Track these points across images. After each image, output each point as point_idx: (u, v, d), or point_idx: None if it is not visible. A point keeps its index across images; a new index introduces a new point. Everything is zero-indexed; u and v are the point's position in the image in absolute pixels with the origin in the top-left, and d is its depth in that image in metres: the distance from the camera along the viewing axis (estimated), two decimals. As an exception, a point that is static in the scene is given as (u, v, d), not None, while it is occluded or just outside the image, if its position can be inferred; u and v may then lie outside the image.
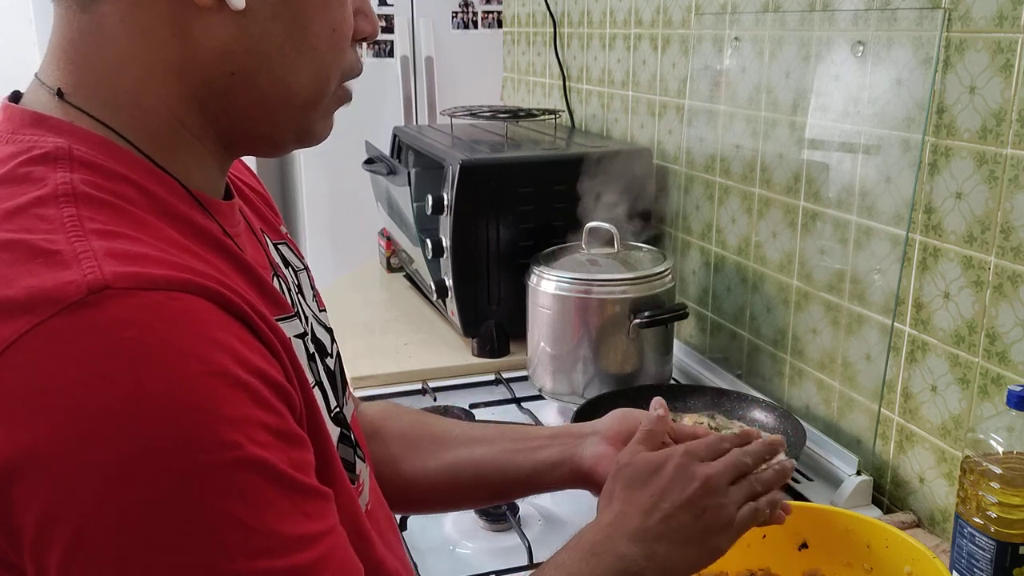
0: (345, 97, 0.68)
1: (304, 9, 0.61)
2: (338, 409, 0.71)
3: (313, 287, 0.80)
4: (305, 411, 0.58)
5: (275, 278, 0.69)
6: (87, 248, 0.50)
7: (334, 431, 0.67)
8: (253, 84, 0.61)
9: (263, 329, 0.55)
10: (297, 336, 0.65)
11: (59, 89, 0.58)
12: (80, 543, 0.46)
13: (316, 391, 0.65)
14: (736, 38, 1.47)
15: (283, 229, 0.81)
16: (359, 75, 0.68)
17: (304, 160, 3.10)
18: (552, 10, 2.16)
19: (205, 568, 0.48)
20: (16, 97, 0.62)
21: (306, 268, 0.80)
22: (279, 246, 0.76)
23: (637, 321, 1.40)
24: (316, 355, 0.70)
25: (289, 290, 0.71)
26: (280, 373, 0.55)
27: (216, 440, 0.48)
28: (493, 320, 1.65)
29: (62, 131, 0.57)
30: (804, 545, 0.96)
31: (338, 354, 0.78)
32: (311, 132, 0.67)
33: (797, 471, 1.26)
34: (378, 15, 3.07)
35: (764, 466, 0.79)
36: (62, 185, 0.53)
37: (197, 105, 0.61)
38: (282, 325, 0.61)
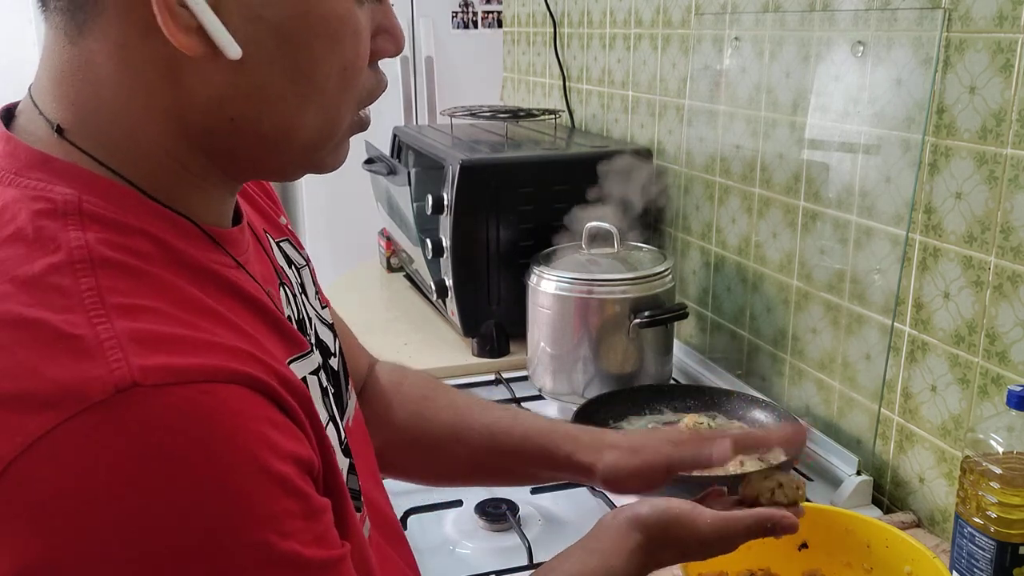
0: (361, 125, 0.63)
1: (310, 53, 0.55)
2: (345, 438, 0.70)
3: (315, 283, 0.80)
4: (323, 464, 0.56)
5: (281, 287, 0.69)
6: (111, 334, 0.47)
7: (343, 462, 0.66)
8: (254, 129, 0.57)
9: (291, 404, 0.53)
10: (312, 372, 0.64)
11: (58, 125, 0.55)
12: None
13: (330, 428, 0.64)
14: (736, 38, 1.47)
15: (283, 220, 0.80)
16: (382, 93, 0.64)
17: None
18: (552, 10, 2.16)
19: None
20: (8, 115, 0.59)
21: (308, 263, 0.80)
22: (281, 244, 0.76)
23: (637, 321, 1.40)
24: (328, 389, 0.69)
25: (294, 296, 0.71)
26: (306, 445, 0.53)
27: (248, 542, 0.47)
28: (493, 320, 1.65)
29: (68, 177, 0.54)
30: (804, 545, 0.96)
31: (340, 351, 0.78)
32: (321, 164, 0.63)
33: (797, 471, 1.26)
34: (378, 15, 3.05)
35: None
36: (77, 250, 0.50)
37: (197, 148, 0.57)
38: (299, 364, 0.60)
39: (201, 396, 0.47)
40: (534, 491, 1.19)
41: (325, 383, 0.68)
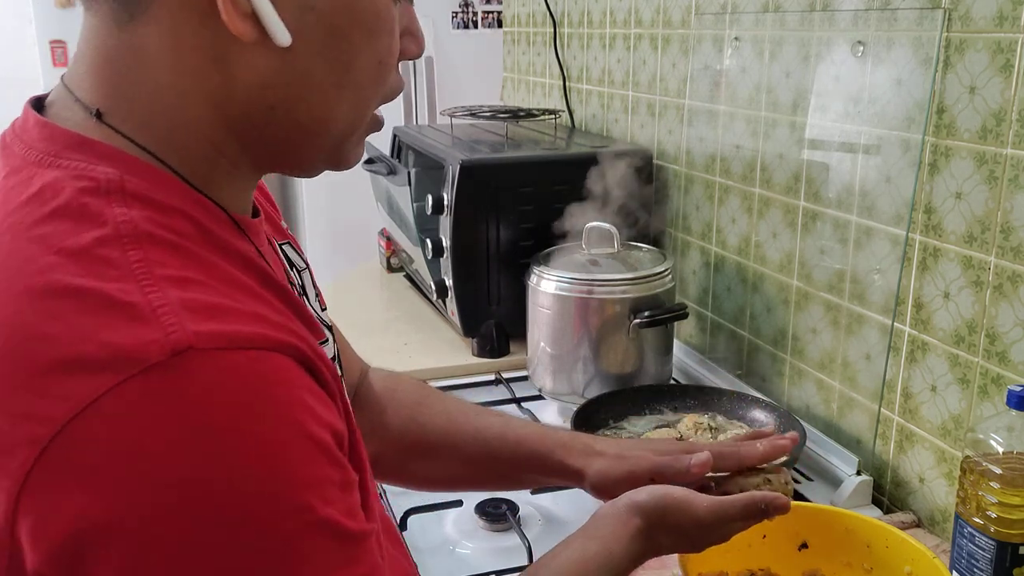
0: (377, 124, 0.66)
1: (351, 45, 0.58)
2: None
3: (315, 286, 0.81)
4: (350, 440, 0.58)
5: (290, 285, 0.69)
6: (163, 301, 0.48)
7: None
8: (291, 117, 0.59)
9: (327, 377, 0.54)
10: (333, 359, 0.65)
11: (97, 110, 0.56)
12: None
13: None
14: (736, 38, 1.47)
15: (284, 224, 0.81)
16: (399, 93, 0.66)
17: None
18: (552, 10, 2.16)
19: None
20: (38, 103, 0.60)
21: (307, 266, 0.80)
22: (283, 247, 0.76)
23: (637, 321, 1.40)
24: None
25: (299, 296, 0.72)
26: (340, 419, 0.55)
27: (294, 505, 0.48)
28: (493, 320, 1.65)
29: (109, 158, 0.55)
30: (804, 545, 0.96)
31: (338, 354, 0.79)
32: (344, 159, 0.65)
33: (797, 471, 1.26)
34: (378, 15, 3.06)
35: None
36: (123, 224, 0.51)
37: (234, 134, 0.59)
38: (323, 348, 0.61)
39: (252, 362, 0.48)
40: (534, 491, 1.19)
41: (340, 372, 0.69)
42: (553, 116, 2.02)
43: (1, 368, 0.48)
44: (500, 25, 2.78)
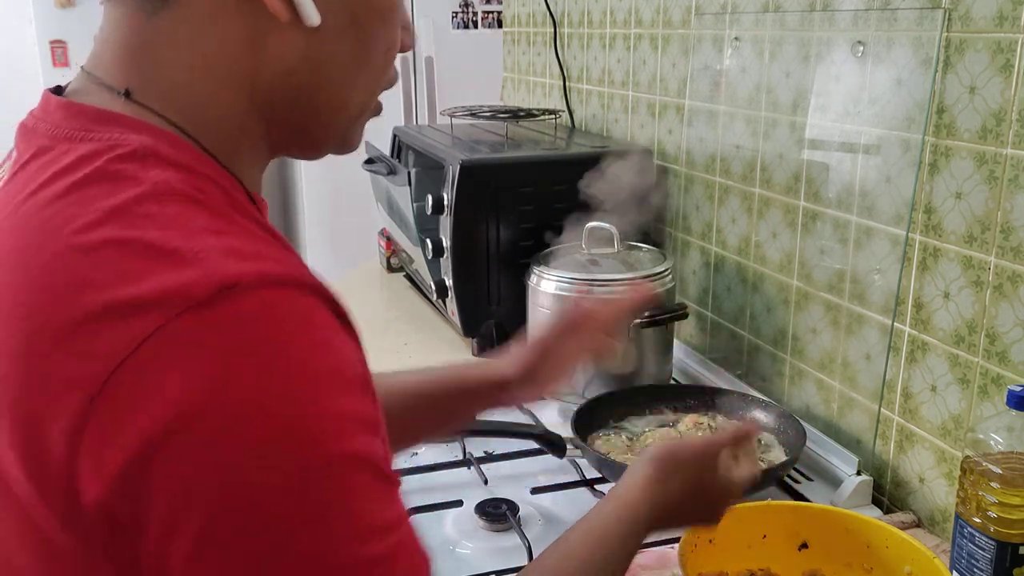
0: (378, 109, 0.69)
1: (370, 28, 0.63)
2: None
3: None
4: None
5: None
6: (203, 246, 0.51)
7: None
8: (313, 98, 0.62)
9: (353, 323, 0.57)
10: None
11: (126, 90, 0.59)
12: (208, 529, 0.48)
13: None
14: (736, 38, 1.47)
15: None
16: (394, 84, 0.70)
17: (304, 160, 3.10)
18: (552, 10, 2.16)
19: (315, 555, 0.49)
20: (58, 91, 0.62)
21: None
22: None
23: (637, 321, 1.40)
24: None
25: None
26: (366, 365, 0.57)
27: (336, 432, 0.50)
28: (493, 320, 1.65)
29: (140, 129, 0.57)
30: (804, 545, 0.96)
31: None
32: (351, 141, 0.69)
33: (797, 471, 1.26)
34: (378, 15, 3.06)
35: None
36: (160, 184, 0.54)
37: (258, 114, 0.62)
38: None
39: (290, 300, 0.51)
40: (534, 491, 1.19)
41: None
42: (553, 116, 2.02)
43: (52, 316, 0.50)
44: (500, 25, 2.78)
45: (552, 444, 1.24)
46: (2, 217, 0.57)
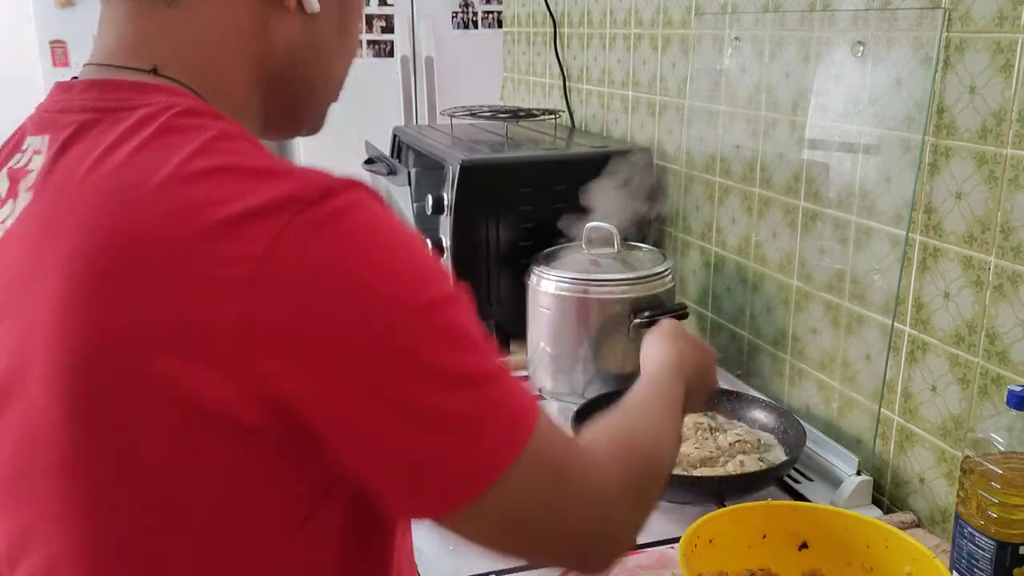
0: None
1: (350, 14, 0.74)
2: None
3: None
4: None
5: None
6: (288, 167, 0.59)
7: None
8: (307, 77, 0.72)
9: None
10: None
11: (154, 67, 0.65)
12: (371, 377, 0.56)
13: None
14: (736, 38, 1.47)
15: None
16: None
17: (304, 160, 3.10)
18: (552, 10, 2.16)
19: (456, 375, 0.58)
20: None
21: None
22: None
23: (637, 321, 1.40)
24: None
25: None
26: None
27: (436, 280, 0.60)
28: (493, 320, 1.65)
29: (182, 95, 0.64)
30: (804, 545, 0.96)
31: None
32: (322, 122, 0.78)
33: (797, 471, 1.26)
34: (378, 15, 3.07)
35: None
36: (224, 129, 0.61)
37: (259, 91, 0.70)
38: None
39: (372, 194, 0.60)
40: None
41: None
42: (553, 116, 2.02)
43: (181, 236, 0.55)
44: (500, 25, 2.78)
45: (552, 444, 1.23)
46: (74, 182, 0.60)
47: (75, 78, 0.67)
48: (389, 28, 3.07)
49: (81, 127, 0.62)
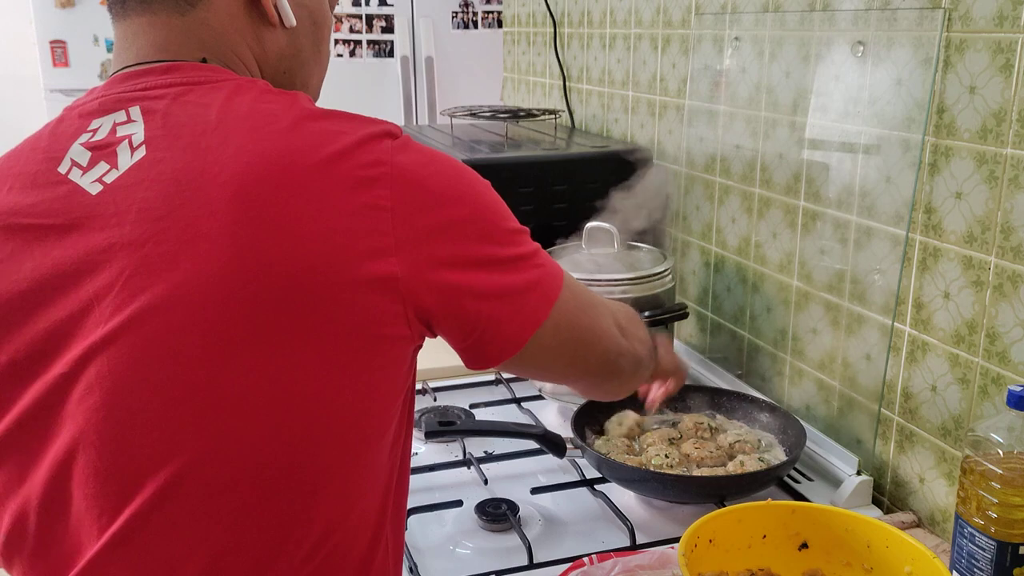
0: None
1: (321, 31, 0.87)
2: None
3: None
4: None
5: None
6: (365, 117, 0.76)
7: None
8: (293, 80, 0.86)
9: None
10: None
11: (203, 58, 0.78)
12: (456, 241, 0.77)
13: None
14: (736, 38, 1.47)
15: None
16: None
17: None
18: (552, 10, 2.16)
19: (510, 257, 0.83)
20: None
21: None
22: None
23: (637, 321, 1.39)
24: None
25: None
26: None
27: (491, 190, 0.86)
28: (493, 320, 1.65)
29: (244, 75, 0.81)
30: (804, 545, 0.96)
31: None
32: None
33: (797, 471, 1.26)
34: (378, 15, 3.07)
35: None
36: (307, 102, 0.77)
37: None
38: None
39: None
40: (534, 491, 1.19)
41: None
42: (553, 116, 2.02)
43: (309, 161, 0.70)
44: (500, 25, 2.78)
45: (552, 444, 1.24)
46: (209, 128, 0.72)
47: (123, 69, 0.78)
48: (389, 28, 3.07)
49: (178, 95, 0.75)
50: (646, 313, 1.40)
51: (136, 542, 0.68)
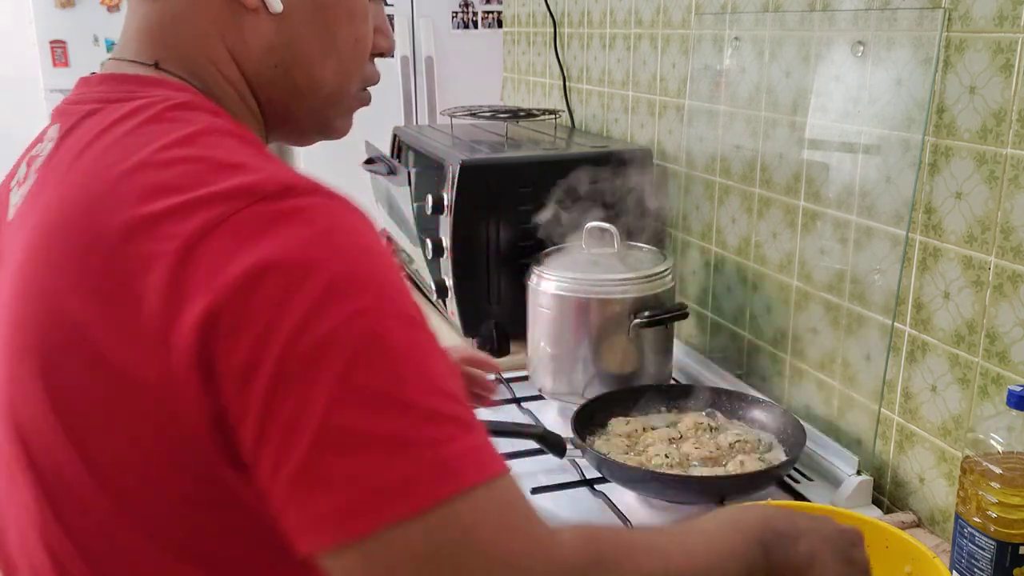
0: (365, 100, 0.80)
1: (333, 19, 0.72)
2: None
3: None
4: None
5: None
6: (262, 164, 0.59)
7: None
8: (289, 77, 0.72)
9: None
10: None
11: (156, 62, 0.68)
12: (282, 373, 0.52)
13: None
14: (736, 38, 1.47)
15: None
16: (376, 83, 0.80)
17: (304, 160, 3.10)
18: (552, 10, 2.16)
19: (386, 396, 0.53)
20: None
21: None
22: None
23: (637, 321, 1.40)
24: None
25: None
26: None
27: (395, 293, 0.56)
28: (493, 320, 1.65)
29: (181, 89, 0.67)
30: (804, 545, 0.96)
31: None
32: (332, 126, 0.78)
33: (797, 471, 1.26)
34: (378, 15, 3.06)
35: None
36: (211, 124, 0.63)
37: (252, 90, 0.72)
38: None
39: (348, 204, 0.59)
40: (534, 491, 1.19)
41: None
42: (553, 116, 2.02)
43: (137, 212, 0.56)
44: (500, 25, 2.78)
45: (552, 444, 1.24)
46: (66, 164, 0.63)
47: (93, 73, 0.71)
48: (389, 28, 3.07)
49: (85, 116, 0.66)
50: (646, 313, 1.40)
51: None
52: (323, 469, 0.51)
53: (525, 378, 1.53)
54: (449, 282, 1.66)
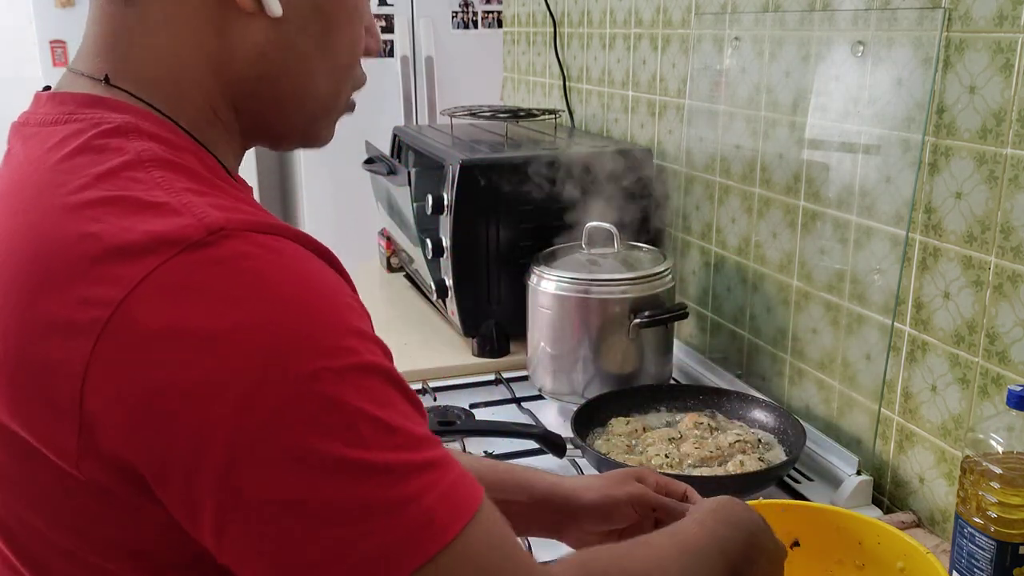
0: (352, 107, 0.73)
1: (334, 23, 0.66)
2: None
3: None
4: None
5: None
6: (188, 201, 0.53)
7: None
8: (277, 86, 0.65)
9: (345, 272, 0.59)
10: None
11: (106, 76, 0.61)
12: (233, 457, 0.49)
13: None
14: (736, 38, 1.47)
15: None
16: (363, 86, 0.73)
17: (304, 160, 3.10)
18: (552, 10, 2.16)
19: (346, 461, 0.50)
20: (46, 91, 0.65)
21: None
22: None
23: (637, 321, 1.40)
24: None
25: None
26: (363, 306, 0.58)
27: (337, 346, 0.51)
28: (493, 320, 1.65)
29: (122, 109, 0.60)
30: (796, 543, 0.96)
31: None
32: (316, 136, 0.71)
33: (797, 471, 1.26)
34: (378, 15, 3.07)
35: None
36: (143, 152, 0.57)
37: (228, 99, 0.64)
38: None
39: (278, 243, 0.54)
40: (534, 491, 1.19)
41: None
42: (553, 116, 2.02)
43: (50, 271, 0.52)
44: (500, 25, 2.78)
45: (552, 444, 1.24)
46: (10, 173, 0.60)
47: (47, 87, 0.65)
48: (389, 28, 3.07)
49: (26, 138, 0.61)
50: (646, 313, 1.40)
51: None
52: (292, 558, 0.50)
53: (525, 378, 1.54)
54: (449, 282, 1.67)
